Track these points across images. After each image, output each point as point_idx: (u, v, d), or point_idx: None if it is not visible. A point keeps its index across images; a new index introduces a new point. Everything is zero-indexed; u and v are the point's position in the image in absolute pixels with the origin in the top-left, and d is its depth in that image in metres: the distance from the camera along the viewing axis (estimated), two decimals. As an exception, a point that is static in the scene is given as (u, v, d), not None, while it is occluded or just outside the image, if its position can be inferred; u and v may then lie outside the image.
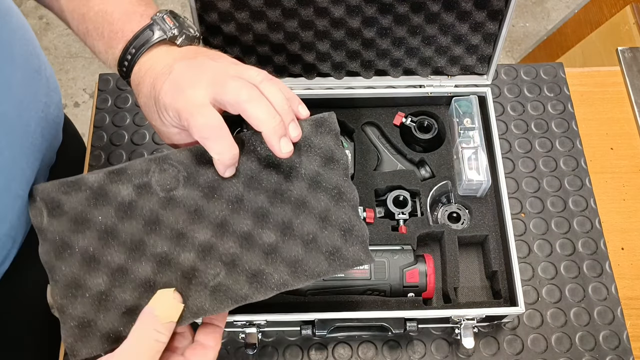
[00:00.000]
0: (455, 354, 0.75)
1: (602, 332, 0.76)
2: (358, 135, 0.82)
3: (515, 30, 2.13)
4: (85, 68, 2.04)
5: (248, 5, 0.71)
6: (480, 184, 0.76)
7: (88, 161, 0.86)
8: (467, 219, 0.77)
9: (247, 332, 0.70)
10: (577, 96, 0.93)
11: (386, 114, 0.83)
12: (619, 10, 1.24)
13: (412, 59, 0.78)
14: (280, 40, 0.75)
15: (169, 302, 0.49)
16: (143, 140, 0.88)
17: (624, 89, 0.94)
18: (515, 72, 0.94)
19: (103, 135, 0.88)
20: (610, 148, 0.89)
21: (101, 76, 0.93)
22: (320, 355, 0.75)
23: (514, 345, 0.75)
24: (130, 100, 0.91)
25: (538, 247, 0.81)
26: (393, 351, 0.75)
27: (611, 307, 0.77)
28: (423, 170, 0.81)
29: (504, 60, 2.04)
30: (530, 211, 0.83)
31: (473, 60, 0.78)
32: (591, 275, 0.79)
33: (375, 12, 0.72)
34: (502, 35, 0.74)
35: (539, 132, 0.89)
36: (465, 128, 0.79)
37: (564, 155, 0.87)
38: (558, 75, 0.94)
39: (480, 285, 0.77)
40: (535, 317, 0.77)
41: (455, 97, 0.81)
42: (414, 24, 0.74)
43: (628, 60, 0.96)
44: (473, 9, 0.72)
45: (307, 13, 0.72)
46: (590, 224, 0.82)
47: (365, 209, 0.76)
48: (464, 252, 0.78)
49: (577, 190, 0.85)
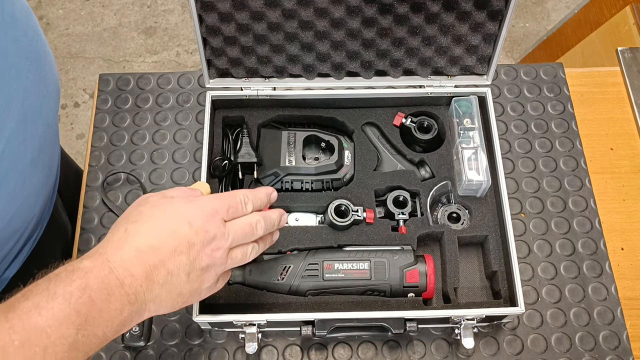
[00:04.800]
0: (455, 354, 0.75)
1: (602, 333, 0.76)
2: (358, 135, 0.82)
3: (515, 30, 2.13)
4: (85, 68, 2.04)
5: (248, 5, 0.71)
6: (480, 184, 0.76)
7: (88, 161, 0.86)
8: (467, 219, 0.77)
9: (247, 332, 0.70)
10: (577, 96, 0.93)
11: (386, 114, 0.83)
12: (619, 10, 1.24)
13: (412, 59, 0.78)
14: (280, 40, 0.75)
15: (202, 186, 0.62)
16: (143, 141, 0.88)
17: (623, 89, 0.94)
18: (515, 73, 0.94)
19: (103, 135, 0.88)
20: (610, 148, 0.89)
21: (101, 76, 0.93)
22: (320, 355, 0.75)
23: (513, 346, 0.75)
24: (130, 101, 0.91)
25: (538, 248, 0.81)
26: (393, 351, 0.75)
27: (611, 308, 0.77)
28: (423, 171, 0.81)
29: (503, 60, 2.04)
30: (530, 211, 0.83)
31: (473, 60, 0.78)
32: (591, 276, 0.79)
33: (375, 12, 0.72)
34: (502, 36, 0.74)
35: (538, 133, 0.89)
36: (465, 128, 0.79)
37: (563, 155, 0.87)
38: (558, 76, 0.94)
39: (480, 286, 0.77)
40: (535, 317, 0.77)
41: (455, 97, 0.81)
42: (414, 25, 0.74)
43: (628, 60, 0.96)
44: (473, 9, 0.72)
45: (307, 13, 0.72)
46: (590, 224, 0.82)
47: (365, 209, 0.76)
48: (464, 252, 0.78)
49: (577, 191, 0.85)
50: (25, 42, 0.57)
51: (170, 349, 0.74)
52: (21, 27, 0.57)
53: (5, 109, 0.54)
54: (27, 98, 0.57)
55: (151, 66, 2.05)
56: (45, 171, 0.65)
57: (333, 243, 0.75)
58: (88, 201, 0.83)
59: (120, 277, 0.47)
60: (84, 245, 0.80)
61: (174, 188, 0.57)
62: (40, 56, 0.61)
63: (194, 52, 2.09)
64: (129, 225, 0.51)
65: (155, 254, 0.50)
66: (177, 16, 2.14)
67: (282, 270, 0.72)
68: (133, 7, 2.15)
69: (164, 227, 0.51)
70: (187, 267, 0.52)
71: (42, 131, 0.61)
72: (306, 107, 0.83)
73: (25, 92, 0.57)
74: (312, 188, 0.79)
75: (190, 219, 0.52)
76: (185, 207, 0.53)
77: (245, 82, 0.80)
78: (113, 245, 0.50)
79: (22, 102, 0.56)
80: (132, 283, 0.48)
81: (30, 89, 0.58)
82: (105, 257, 0.48)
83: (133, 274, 0.48)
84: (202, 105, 0.91)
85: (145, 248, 0.50)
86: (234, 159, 0.78)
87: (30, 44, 0.59)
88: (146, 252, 0.49)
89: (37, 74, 0.59)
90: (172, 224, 0.52)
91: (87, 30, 2.11)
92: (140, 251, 0.49)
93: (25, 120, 0.57)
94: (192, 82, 0.93)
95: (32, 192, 0.62)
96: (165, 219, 0.52)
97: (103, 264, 0.48)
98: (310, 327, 0.69)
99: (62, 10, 2.14)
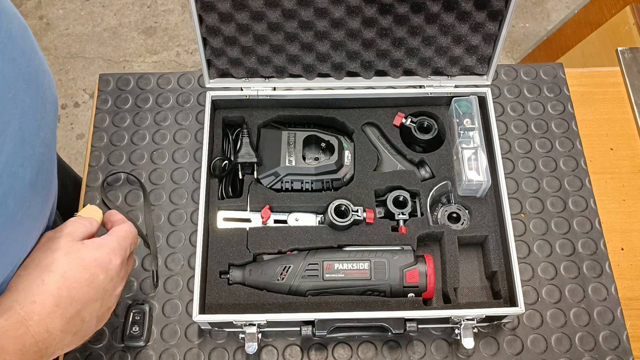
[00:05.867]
0: (455, 354, 0.75)
1: (602, 333, 0.76)
2: (358, 135, 0.82)
3: (515, 30, 2.13)
4: (85, 68, 2.04)
5: (248, 5, 0.71)
6: (480, 184, 0.76)
7: (88, 161, 0.86)
8: (467, 219, 0.77)
9: (247, 332, 0.70)
10: (577, 96, 0.93)
11: (386, 115, 0.84)
12: (619, 10, 1.24)
13: (412, 60, 0.78)
14: (280, 40, 0.75)
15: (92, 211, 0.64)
16: (143, 141, 0.88)
17: (623, 89, 0.94)
18: (515, 73, 0.94)
19: (103, 135, 0.88)
20: (610, 148, 0.89)
21: (101, 76, 0.93)
22: (320, 356, 0.75)
23: (513, 346, 0.75)
24: (130, 101, 0.91)
25: (538, 248, 0.81)
26: (393, 351, 0.75)
27: (611, 308, 0.77)
28: (423, 171, 0.81)
29: (503, 60, 2.04)
30: (530, 211, 0.83)
31: (473, 60, 0.78)
32: (591, 276, 0.79)
33: (375, 12, 0.72)
34: (502, 36, 0.74)
35: (538, 133, 0.89)
36: (465, 128, 0.79)
37: (563, 155, 0.87)
38: (558, 76, 0.94)
39: (480, 286, 0.77)
40: (535, 317, 0.77)
41: (455, 97, 0.82)
42: (414, 25, 0.74)
43: (628, 60, 0.96)
44: (473, 10, 0.72)
45: (307, 14, 0.72)
46: (590, 225, 0.82)
47: (365, 210, 0.76)
48: (463, 253, 0.78)
49: (577, 191, 0.85)
50: (22, 62, 0.56)
51: (171, 349, 0.74)
52: (18, 46, 0.55)
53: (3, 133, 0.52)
54: (24, 121, 0.55)
55: (151, 66, 2.05)
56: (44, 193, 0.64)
57: (333, 243, 0.75)
58: (88, 201, 0.83)
59: (36, 335, 0.48)
60: (84, 245, 0.80)
61: (73, 221, 0.59)
62: (39, 75, 0.59)
63: (194, 52, 2.09)
64: (45, 275, 0.51)
65: (73, 305, 0.51)
66: (177, 16, 2.14)
67: (282, 270, 0.72)
68: (133, 7, 2.15)
69: (82, 277, 0.53)
70: (99, 311, 0.55)
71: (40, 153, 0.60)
72: (306, 107, 0.83)
73: (22, 115, 0.55)
74: (312, 188, 0.79)
75: (105, 266, 0.55)
76: (99, 254, 0.56)
77: (245, 82, 0.80)
78: (31, 298, 0.50)
79: (20, 125, 0.55)
80: (47, 339, 0.49)
81: (27, 111, 0.56)
82: (22, 316, 0.48)
83: (49, 330, 0.49)
84: (202, 105, 0.91)
85: (64, 301, 0.51)
86: (234, 159, 0.78)
87: (28, 64, 0.57)
88: (64, 306, 0.51)
89: (35, 95, 0.58)
90: (89, 273, 0.54)
91: (87, 30, 2.11)
92: (59, 305, 0.50)
93: (23, 143, 0.56)
94: (192, 82, 0.93)
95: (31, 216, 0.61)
96: (82, 269, 0.54)
97: (20, 323, 0.48)
98: (310, 327, 0.69)
99: (62, 10, 2.14)
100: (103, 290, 0.55)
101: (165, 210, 0.83)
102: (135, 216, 0.82)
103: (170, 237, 0.81)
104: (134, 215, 0.82)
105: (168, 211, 0.83)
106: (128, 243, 0.60)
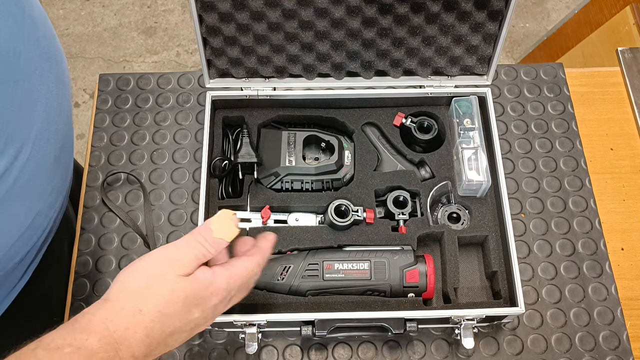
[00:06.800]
0: (455, 355, 0.75)
1: (602, 333, 0.76)
2: (358, 135, 0.82)
3: (515, 30, 2.13)
4: (85, 68, 2.04)
5: (248, 5, 0.71)
6: (480, 184, 0.76)
7: (88, 161, 0.86)
8: (467, 220, 0.77)
9: (247, 332, 0.70)
10: (577, 96, 0.93)
11: (386, 115, 0.83)
12: (619, 10, 1.24)
13: (412, 60, 0.78)
14: (280, 40, 0.75)
15: (227, 223, 0.54)
16: (143, 141, 0.88)
17: (623, 89, 0.94)
18: (515, 73, 0.94)
19: (103, 135, 0.88)
20: (610, 148, 0.89)
21: (101, 76, 0.93)
22: (320, 356, 0.75)
23: (513, 346, 0.75)
24: (130, 101, 0.91)
25: (538, 248, 0.81)
26: (393, 351, 0.75)
27: (611, 308, 0.77)
28: (423, 171, 0.81)
29: (504, 60, 2.04)
30: (530, 211, 0.83)
31: (473, 60, 0.78)
32: (591, 276, 0.79)
33: (375, 12, 0.72)
34: (502, 36, 0.74)
35: (538, 133, 0.89)
36: (465, 128, 0.79)
37: (563, 155, 0.87)
38: (558, 76, 0.94)
39: (480, 286, 0.77)
40: (535, 317, 0.77)
41: (455, 97, 0.82)
42: (414, 25, 0.74)
43: (628, 60, 0.96)
44: (473, 10, 0.72)
45: (307, 13, 0.72)
46: (590, 225, 0.82)
47: (365, 210, 0.76)
48: (463, 253, 0.78)
49: (577, 191, 0.85)
50: (44, 43, 0.59)
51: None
52: (40, 29, 0.58)
53: (32, 110, 0.56)
54: (49, 98, 0.59)
55: (151, 66, 2.05)
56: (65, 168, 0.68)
57: (333, 243, 0.75)
58: (88, 201, 0.83)
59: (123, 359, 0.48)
60: (84, 246, 0.80)
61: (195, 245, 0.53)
62: (58, 56, 0.63)
63: (194, 52, 2.09)
64: (144, 305, 0.49)
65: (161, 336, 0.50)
66: (177, 16, 2.14)
67: (282, 271, 0.72)
68: (133, 7, 2.15)
69: (179, 313, 0.51)
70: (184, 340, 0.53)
71: (63, 130, 0.63)
72: (306, 107, 0.83)
73: (47, 93, 0.58)
74: (312, 188, 0.79)
75: (203, 305, 0.52)
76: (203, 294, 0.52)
77: (246, 82, 0.80)
78: (125, 324, 0.48)
79: (46, 103, 0.58)
80: None
81: (51, 89, 0.59)
82: (115, 339, 0.47)
83: (135, 356, 0.48)
84: (202, 105, 0.91)
85: (155, 333, 0.49)
86: (234, 159, 0.78)
87: (49, 45, 0.60)
88: (154, 336, 0.49)
89: (56, 74, 0.61)
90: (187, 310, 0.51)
91: (87, 30, 2.11)
92: (149, 336, 0.49)
93: (49, 120, 0.59)
94: (192, 82, 0.93)
95: (55, 189, 0.65)
96: (182, 306, 0.51)
97: (111, 346, 0.47)
98: (310, 327, 0.69)
99: (62, 10, 2.14)
100: (195, 325, 0.53)
101: (165, 210, 0.83)
102: (135, 216, 0.82)
103: (171, 237, 0.81)
104: (134, 215, 0.82)
105: (168, 211, 0.83)
106: (238, 285, 0.55)
